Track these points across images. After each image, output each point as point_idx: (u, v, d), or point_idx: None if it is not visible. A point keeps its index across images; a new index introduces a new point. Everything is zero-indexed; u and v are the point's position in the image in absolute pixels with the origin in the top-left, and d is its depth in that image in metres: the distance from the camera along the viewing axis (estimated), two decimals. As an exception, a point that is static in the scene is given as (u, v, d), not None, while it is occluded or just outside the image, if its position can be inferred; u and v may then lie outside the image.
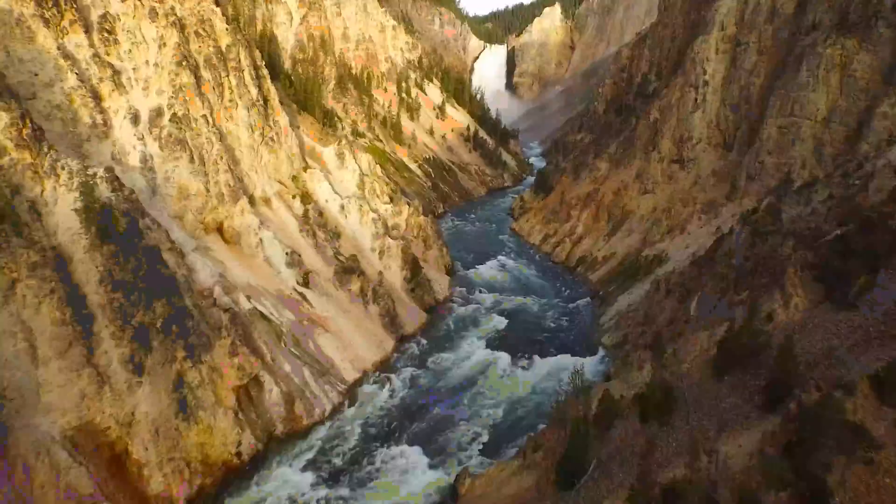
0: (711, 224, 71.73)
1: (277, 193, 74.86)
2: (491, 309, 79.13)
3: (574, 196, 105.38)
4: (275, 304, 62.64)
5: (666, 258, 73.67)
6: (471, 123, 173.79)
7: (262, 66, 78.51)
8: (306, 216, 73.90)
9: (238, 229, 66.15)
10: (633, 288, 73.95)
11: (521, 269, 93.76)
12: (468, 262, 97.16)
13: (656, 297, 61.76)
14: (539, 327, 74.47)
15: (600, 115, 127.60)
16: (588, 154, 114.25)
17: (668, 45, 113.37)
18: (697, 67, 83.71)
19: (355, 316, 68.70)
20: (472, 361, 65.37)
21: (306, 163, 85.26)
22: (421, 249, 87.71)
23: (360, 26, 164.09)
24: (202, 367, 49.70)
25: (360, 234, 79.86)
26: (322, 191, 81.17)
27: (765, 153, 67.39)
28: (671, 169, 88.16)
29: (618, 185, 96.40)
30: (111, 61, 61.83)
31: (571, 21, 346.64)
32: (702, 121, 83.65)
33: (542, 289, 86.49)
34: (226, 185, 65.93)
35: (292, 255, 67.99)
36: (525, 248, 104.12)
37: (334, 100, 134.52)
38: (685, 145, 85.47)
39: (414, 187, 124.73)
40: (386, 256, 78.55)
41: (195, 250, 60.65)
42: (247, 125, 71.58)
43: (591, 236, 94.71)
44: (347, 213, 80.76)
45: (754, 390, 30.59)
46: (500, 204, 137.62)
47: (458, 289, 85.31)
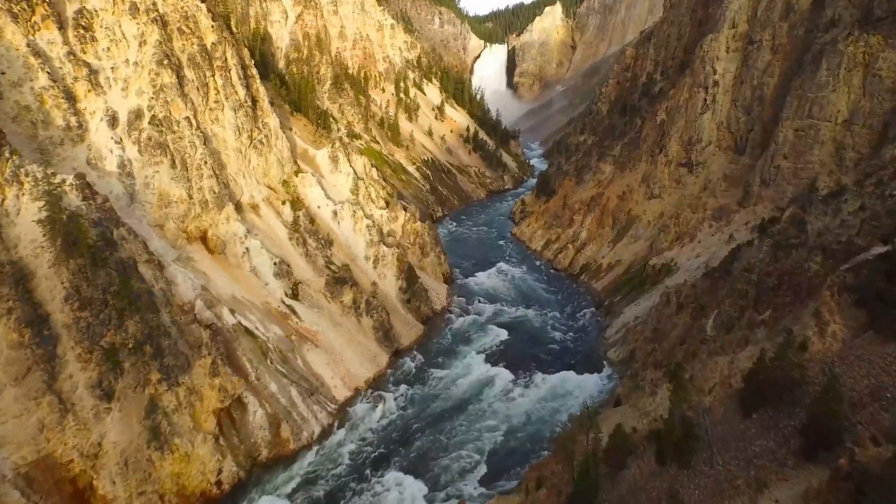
0: (723, 232, 68.03)
1: (266, 199, 71.23)
2: (490, 320, 75.46)
3: (577, 200, 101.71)
4: (261, 318, 59.00)
5: (675, 267, 70.00)
6: (470, 124, 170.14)
7: (251, 65, 74.88)
8: (296, 223, 70.24)
9: (223, 238, 62.52)
10: (641, 299, 70.28)
11: (522, 276, 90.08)
12: (467, 269, 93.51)
13: (666, 310, 58.07)
14: (541, 340, 70.80)
15: (604, 116, 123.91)
16: (591, 156, 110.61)
17: (675, 43, 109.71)
18: (707, 67, 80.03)
19: (347, 329, 65.05)
20: (470, 378, 61.70)
21: (298, 166, 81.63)
22: (417, 257, 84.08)
23: (357, 25, 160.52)
24: (179, 389, 46.05)
25: (353, 242, 76.20)
26: (314, 196, 77.50)
27: (780, 157, 63.73)
28: (679, 172, 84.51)
29: (623, 188, 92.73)
30: (87, 60, 58.20)
31: (572, 20, 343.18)
32: (711, 122, 79.97)
33: (544, 298, 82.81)
34: (210, 191, 62.29)
35: (281, 265, 64.36)
36: (526, 255, 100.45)
37: (330, 100, 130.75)
38: (694, 148, 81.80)
39: (411, 190, 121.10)
40: (380, 265, 74.90)
41: (176, 261, 57.02)
42: (233, 127, 67.94)
43: (595, 242, 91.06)
44: (340, 219, 77.11)
45: (789, 433, 26.93)
46: (501, 207, 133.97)
47: (456, 298, 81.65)
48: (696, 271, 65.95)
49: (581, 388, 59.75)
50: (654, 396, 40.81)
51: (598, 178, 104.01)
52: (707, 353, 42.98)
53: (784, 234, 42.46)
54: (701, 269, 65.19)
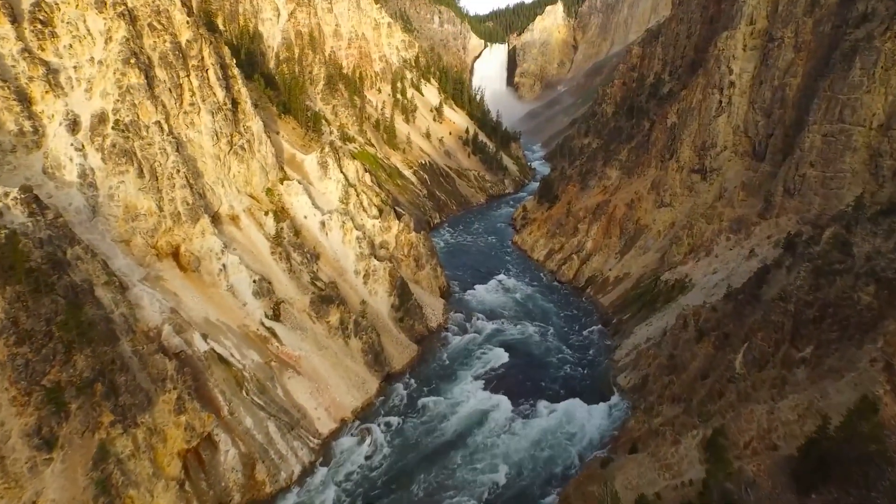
0: (743, 246, 62.62)
1: (247, 209, 65.84)
2: (489, 339, 70.07)
3: (582, 207, 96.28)
4: (237, 342, 53.60)
5: (690, 284, 64.60)
6: (470, 126, 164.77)
7: (233, 64, 69.49)
8: (279, 236, 64.85)
9: (197, 254, 57.12)
10: (653, 318, 64.86)
11: (524, 289, 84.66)
12: (465, 281, 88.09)
13: (683, 335, 52.65)
14: (544, 362, 65.41)
15: (609, 118, 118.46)
16: (596, 160, 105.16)
17: (684, 42, 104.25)
18: (722, 66, 74.60)
19: (334, 353, 59.65)
20: (467, 408, 56.31)
21: (284, 173, 76.22)
22: (412, 270, 78.68)
23: (352, 23, 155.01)
24: (137, 431, 40.67)
25: (342, 255, 70.80)
26: (300, 205, 72.11)
27: (806, 165, 58.31)
28: (691, 179, 79.08)
29: (631, 196, 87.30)
30: (46, 58, 52.81)
31: (574, 19, 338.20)
32: (727, 126, 74.55)
33: (547, 314, 77.39)
34: (183, 202, 56.90)
35: (261, 283, 58.97)
36: (528, 265, 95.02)
37: (323, 101, 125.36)
38: (707, 153, 76.38)
39: (407, 196, 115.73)
40: (371, 280, 69.49)
41: (143, 281, 51.65)
42: (211, 132, 62.54)
43: (602, 253, 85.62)
44: (328, 230, 71.71)
45: (862, 524, 21.52)
46: (501, 213, 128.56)
47: (453, 314, 76.23)
48: (713, 289, 60.57)
49: (589, 419, 54.40)
50: (678, 447, 35.39)
51: (603, 184, 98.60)
52: (737, 394, 37.57)
53: (826, 258, 37.04)
54: (720, 287, 59.83)
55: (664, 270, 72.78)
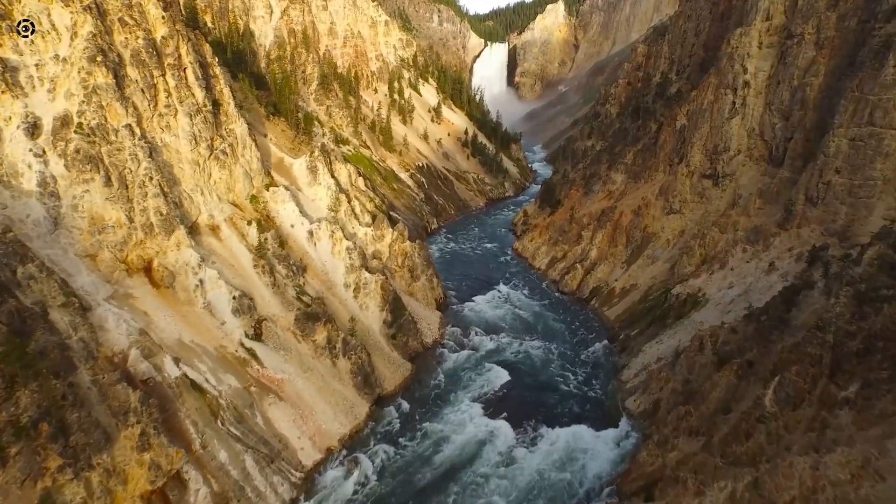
0: (761, 258, 58.17)
1: (229, 219, 61.38)
2: (488, 357, 65.62)
3: (585, 213, 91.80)
4: (213, 366, 49.16)
5: (703, 299, 60.13)
6: (469, 127, 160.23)
7: (215, 63, 65.03)
8: (263, 247, 60.39)
9: (171, 268, 52.67)
10: (663, 335, 60.42)
11: (525, 301, 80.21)
12: (463, 291, 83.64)
13: (699, 358, 48.20)
14: (546, 382, 60.99)
15: (613, 119, 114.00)
16: (601, 164, 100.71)
17: (692, 40, 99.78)
18: (735, 65, 70.11)
19: (320, 375, 55.22)
20: (464, 436, 51.87)
21: (271, 178, 71.79)
22: (406, 281, 74.23)
23: (348, 21, 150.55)
24: (92, 474, 36.28)
25: (331, 267, 66.36)
26: (287, 213, 67.67)
27: (831, 171, 53.84)
28: (702, 185, 74.60)
29: (637, 202, 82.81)
30: (3, 55, 48.38)
31: (575, 18, 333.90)
32: (741, 129, 70.08)
33: (550, 328, 72.93)
34: (156, 212, 52.46)
35: (241, 300, 54.52)
36: (529, 274, 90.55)
37: (316, 102, 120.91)
38: (720, 158, 71.91)
39: (404, 200, 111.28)
40: (362, 294, 65.03)
41: (110, 299, 47.25)
42: (189, 136, 58.08)
43: (607, 263, 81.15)
44: (317, 240, 67.26)
45: None
46: (501, 217, 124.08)
47: (450, 328, 71.77)
48: (729, 305, 56.14)
49: (596, 448, 49.98)
50: (702, 499, 30.93)
51: (608, 189, 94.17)
52: (767, 435, 33.14)
53: (870, 282, 32.60)
54: (737, 303, 55.40)
55: (674, 282, 68.32)
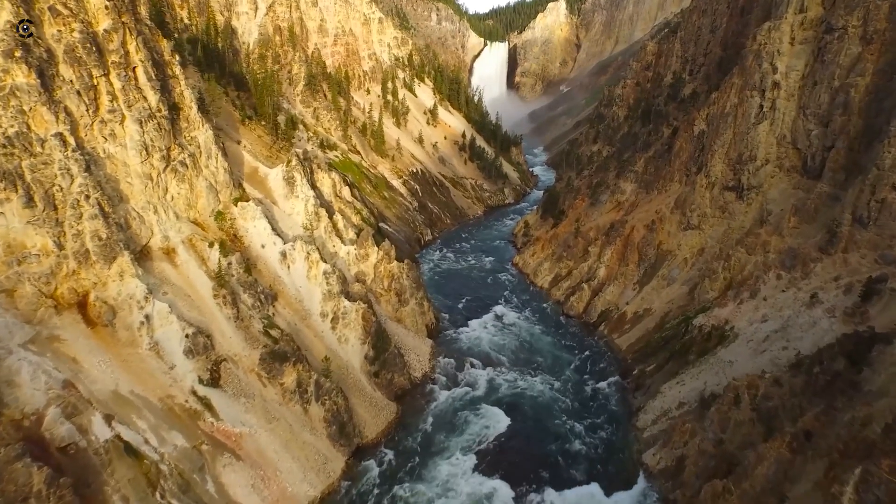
0: (800, 288, 50.32)
1: (188, 240, 53.56)
2: (485, 396, 57.88)
3: (592, 226, 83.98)
4: (156, 422, 41.36)
5: (731, 333, 52.31)
6: (467, 129, 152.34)
7: (174, 62, 57.17)
8: (226, 273, 52.57)
9: (112, 303, 44.89)
10: (685, 374, 52.63)
11: (526, 326, 72.44)
12: (458, 314, 75.83)
13: (734, 414, 40.43)
14: (550, 429, 53.19)
15: (621, 122, 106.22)
16: (608, 172, 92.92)
17: (707, 37, 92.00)
18: (763, 64, 62.29)
19: (288, 425, 47.42)
20: (457, 500, 44.05)
21: (242, 191, 64.03)
22: (393, 306, 66.44)
23: (339, 18, 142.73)
24: (-24, 583, 28.64)
25: (306, 294, 58.57)
26: (257, 232, 59.91)
27: (886, 188, 46.08)
28: (724, 198, 66.85)
29: (651, 215, 74.99)
30: None
31: (577, 17, 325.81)
32: (769, 136, 62.28)
33: (554, 359, 65.17)
34: (94, 236, 44.67)
35: (196, 338, 46.73)
36: (530, 293, 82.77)
37: (303, 104, 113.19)
38: (745, 168, 64.12)
39: (395, 210, 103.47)
40: (341, 325, 57.24)
41: (28, 344, 39.49)
42: (139, 145, 50.29)
43: (617, 283, 73.33)
44: (291, 262, 59.49)
45: None
46: (501, 227, 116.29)
47: (442, 360, 64.01)
48: (765, 344, 48.28)
49: (611, 518, 42.24)
50: None
51: (617, 199, 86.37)
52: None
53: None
54: (773, 342, 47.59)
55: (695, 309, 60.54)
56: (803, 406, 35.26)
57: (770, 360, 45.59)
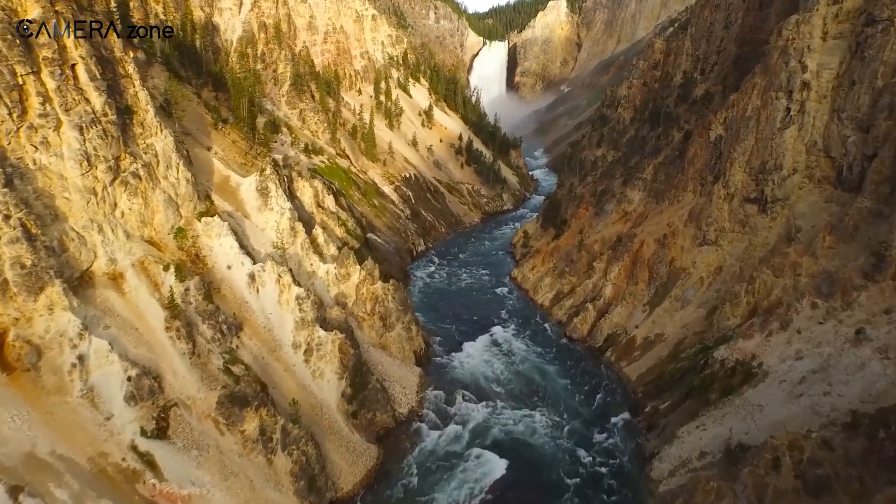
0: (841, 320, 43.68)
1: (139, 263, 46.91)
2: (478, 436, 51.29)
3: (597, 239, 77.35)
4: (82, 489, 34.68)
5: (760, 372, 45.66)
6: (464, 131, 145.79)
7: (127, 60, 50.55)
8: (179, 302, 45.90)
9: (38, 342, 38.28)
10: (706, 417, 45.98)
11: (525, 351, 65.89)
12: (451, 337, 69.18)
13: (773, 481, 33.93)
14: (553, 479, 46.59)
15: (627, 125, 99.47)
16: (614, 179, 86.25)
17: (720, 33, 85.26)
18: (791, 62, 55.65)
19: (248, 481, 40.77)
20: (441, 576, 37.52)
21: (210, 204, 57.44)
22: (377, 331, 59.83)
23: (329, 15, 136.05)
24: None
25: (276, 321, 51.92)
26: (223, 251, 53.27)
27: (943, 207, 39.45)
28: (745, 211, 60.25)
29: (662, 229, 68.36)
30: None
31: (578, 15, 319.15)
32: (798, 142, 55.69)
33: (555, 391, 58.58)
34: (15, 263, 38.07)
35: (141, 380, 40.12)
36: (530, 312, 76.15)
37: (288, 105, 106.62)
38: (769, 178, 57.52)
39: (385, 219, 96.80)
40: (315, 357, 50.60)
41: (-74, 398, 32.90)
42: (79, 155, 43.70)
43: (625, 303, 66.70)
44: (260, 285, 52.85)
45: None
46: (498, 236, 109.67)
47: (431, 392, 57.42)
48: (802, 387, 41.60)
49: None
50: None
51: (623, 209, 79.69)
52: None
53: None
54: (812, 385, 40.93)
55: (714, 337, 53.98)
56: (865, 480, 28.67)
57: (809, 408, 38.98)
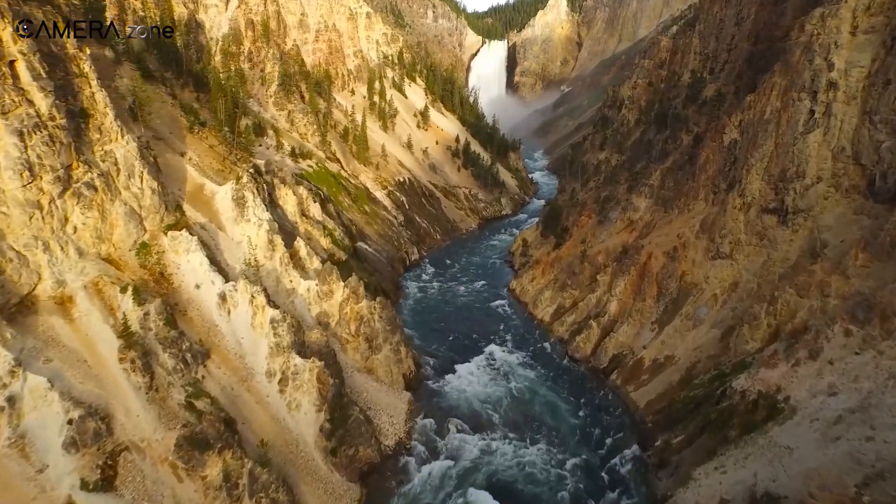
0: (882, 351, 38.72)
1: (93, 284, 42.02)
2: (472, 472, 46.43)
3: (601, 250, 72.45)
4: (5, 556, 29.85)
5: (787, 407, 40.76)
6: (461, 133, 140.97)
7: (82, 57, 45.69)
8: (137, 329, 40.98)
9: (-37, 380, 33.34)
10: (726, 457, 41.10)
11: (524, 373, 60.98)
12: (444, 357, 64.27)
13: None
14: (557, 526, 41.67)
15: (631, 127, 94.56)
16: (618, 184, 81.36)
17: (731, 29, 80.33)
18: (815, 59, 50.74)
19: (206, 537, 35.87)
20: None
21: (180, 216, 52.59)
22: (362, 354, 54.93)
23: (321, 12, 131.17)
24: None
25: (249, 346, 47.01)
26: (191, 269, 48.39)
27: None
28: (763, 222, 55.32)
29: (671, 240, 63.45)
30: None
31: (578, 14, 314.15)
32: (823, 148, 50.78)
33: (557, 419, 53.73)
34: (-62, 291, 33.17)
35: (84, 423, 35.21)
36: (528, 328, 71.29)
37: (276, 106, 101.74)
38: (790, 186, 52.62)
39: (377, 226, 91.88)
40: (291, 387, 45.66)
41: None
42: (19, 164, 38.85)
43: (632, 321, 61.79)
44: (232, 305, 47.93)
45: None
46: (496, 243, 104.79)
47: (420, 421, 52.53)
48: (838, 429, 36.67)
49: None
50: None
51: (629, 217, 74.79)
52: None
53: None
54: (850, 426, 35.99)
55: (732, 363, 49.04)
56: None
57: (849, 455, 34.09)
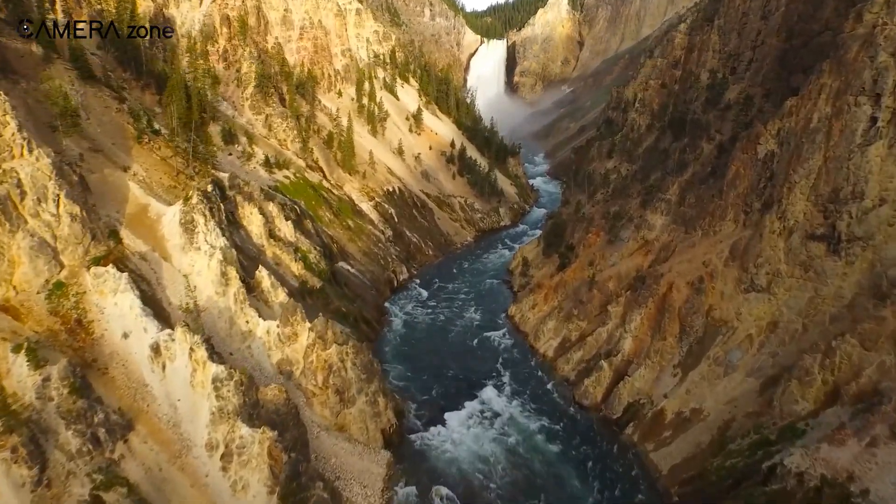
0: None
1: (-20, 341, 33.16)
2: (461, 570, 37.54)
3: (611, 275, 63.66)
4: None
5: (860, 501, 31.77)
6: (457, 137, 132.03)
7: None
8: (30, 402, 32.11)
9: None
10: (783, 562, 32.09)
11: (523, 424, 52.11)
12: (431, 403, 55.35)
13: None
14: None
15: (642, 133, 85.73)
16: (629, 197, 72.59)
17: (757, 24, 71.62)
18: (879, 55, 42.06)
19: None
20: None
21: (114, 244, 43.81)
22: (332, 408, 46.08)
23: (306, 8, 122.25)
24: None
25: (187, 411, 38.14)
26: (119, 313, 39.59)
27: None
28: (808, 251, 46.55)
29: (696, 267, 54.64)
30: None
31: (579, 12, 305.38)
32: (888, 163, 42.10)
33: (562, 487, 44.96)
34: None
35: (-61, 540, 26.29)
36: (529, 364, 62.53)
37: (253, 110, 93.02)
38: (843, 209, 43.93)
39: (362, 243, 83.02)
40: (236, 463, 36.79)
41: None
42: None
43: (650, 363, 52.98)
44: (168, 359, 39.06)
45: None
46: (494, 259, 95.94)
47: (401, 490, 43.69)
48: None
49: None
50: None
51: (643, 237, 65.99)
52: None
53: None
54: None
55: (778, 428, 40.21)
56: None
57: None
